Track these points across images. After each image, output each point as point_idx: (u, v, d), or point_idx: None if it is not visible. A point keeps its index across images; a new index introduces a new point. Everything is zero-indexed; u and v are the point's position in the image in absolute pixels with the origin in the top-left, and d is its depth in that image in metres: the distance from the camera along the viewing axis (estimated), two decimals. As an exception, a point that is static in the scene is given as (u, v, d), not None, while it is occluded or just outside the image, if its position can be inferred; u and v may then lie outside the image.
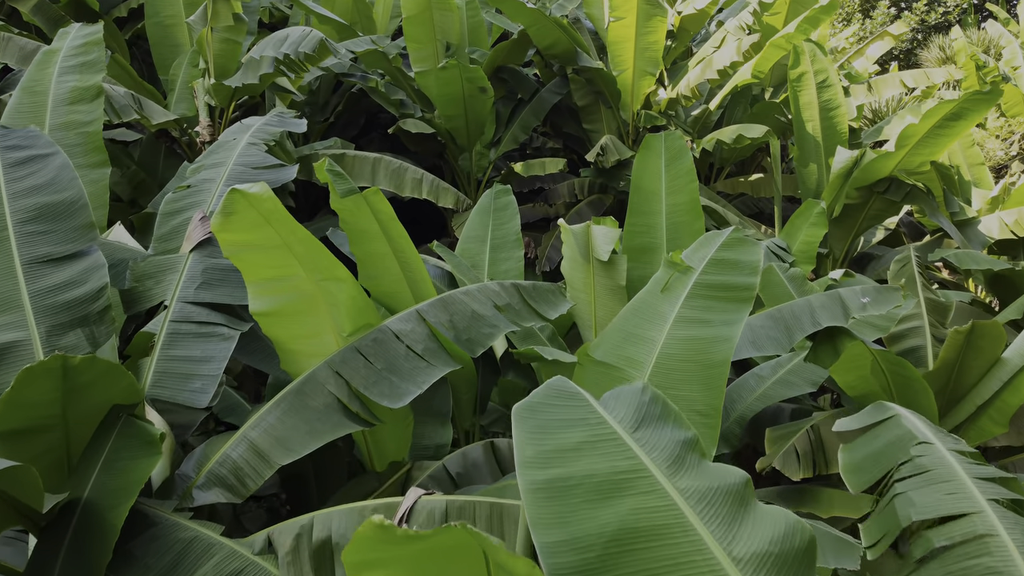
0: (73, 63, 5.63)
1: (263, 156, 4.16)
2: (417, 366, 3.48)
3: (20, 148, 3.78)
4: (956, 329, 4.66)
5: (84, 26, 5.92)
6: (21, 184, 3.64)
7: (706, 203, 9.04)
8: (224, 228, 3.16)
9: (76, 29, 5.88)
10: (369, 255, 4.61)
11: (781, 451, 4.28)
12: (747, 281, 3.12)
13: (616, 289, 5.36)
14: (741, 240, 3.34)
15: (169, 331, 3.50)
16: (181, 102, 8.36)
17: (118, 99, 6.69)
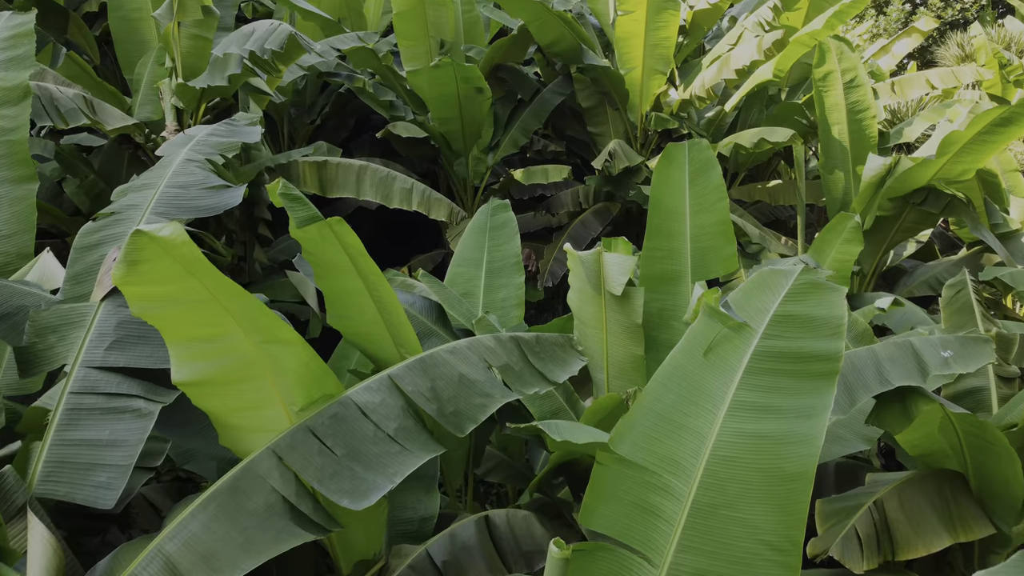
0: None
1: (203, 175, 3.37)
2: (388, 451, 2.70)
3: None
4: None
5: (14, 15, 5.13)
6: None
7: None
8: (130, 281, 2.37)
9: (5, 19, 5.09)
10: (339, 292, 3.82)
11: (839, 535, 3.50)
12: (829, 348, 2.30)
13: (632, 327, 4.57)
14: (816, 286, 2.51)
15: (68, 406, 2.72)
16: (146, 104, 7.58)
17: (64, 102, 5.90)
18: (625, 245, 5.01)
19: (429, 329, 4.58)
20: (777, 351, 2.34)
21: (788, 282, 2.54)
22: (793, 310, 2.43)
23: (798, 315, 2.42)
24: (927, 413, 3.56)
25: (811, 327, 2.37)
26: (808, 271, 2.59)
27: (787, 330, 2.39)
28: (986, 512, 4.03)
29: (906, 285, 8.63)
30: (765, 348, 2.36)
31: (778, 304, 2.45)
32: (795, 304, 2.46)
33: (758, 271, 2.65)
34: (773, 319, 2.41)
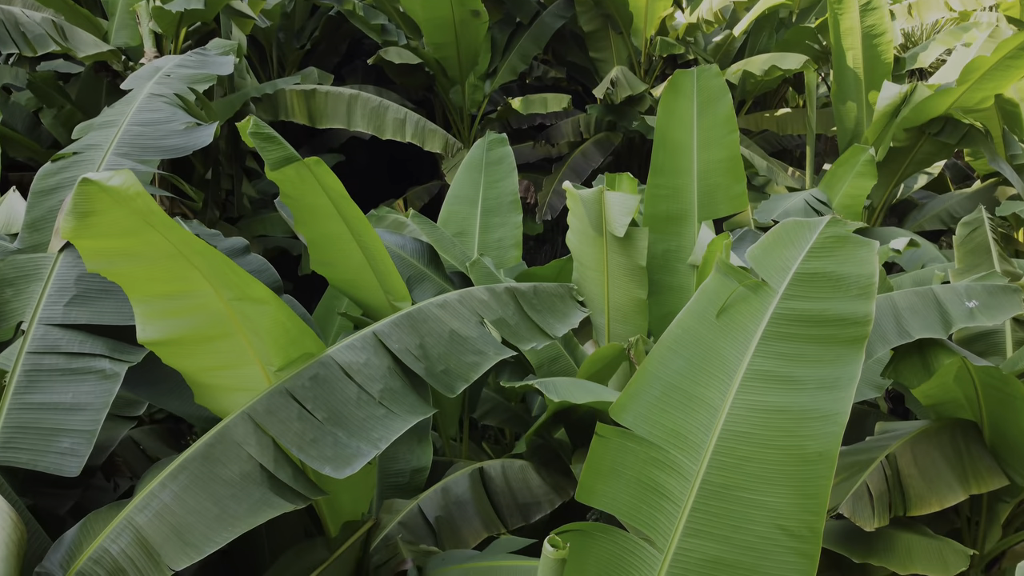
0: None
1: (170, 112, 3.09)
2: (372, 415, 2.51)
3: None
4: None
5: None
6: None
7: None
8: (81, 234, 2.14)
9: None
10: (322, 236, 3.60)
11: (850, 492, 3.34)
12: (857, 311, 2.03)
13: (635, 270, 4.34)
14: (843, 239, 2.23)
15: (27, 367, 2.52)
16: (123, 29, 7.16)
17: (32, 27, 5.53)
18: (630, 181, 4.75)
19: (421, 273, 4.35)
20: (799, 314, 2.11)
21: (813, 235, 2.28)
22: (818, 267, 2.19)
23: (823, 273, 2.17)
24: (947, 366, 3.37)
25: (838, 286, 2.13)
26: (835, 222, 2.34)
27: (811, 290, 2.15)
28: (999, 463, 3.89)
29: (916, 219, 8.36)
30: (785, 310, 2.12)
31: (801, 260, 2.20)
32: (820, 260, 2.21)
33: (780, 224, 2.40)
34: (795, 277, 2.17)
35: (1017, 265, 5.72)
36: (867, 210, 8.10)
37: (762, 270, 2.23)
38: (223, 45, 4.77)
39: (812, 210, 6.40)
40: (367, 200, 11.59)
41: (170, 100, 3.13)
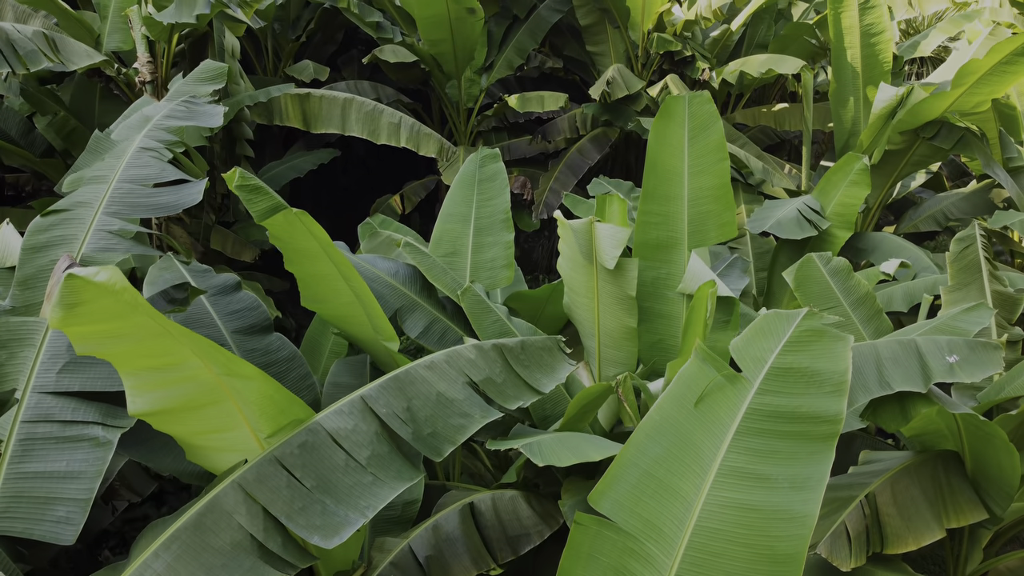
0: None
1: (159, 168, 3.11)
2: (360, 482, 2.57)
3: None
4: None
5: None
6: None
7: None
8: (70, 323, 2.18)
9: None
10: (311, 276, 3.65)
11: (828, 531, 3.42)
12: (828, 409, 2.09)
13: (625, 299, 4.38)
14: (819, 333, 2.28)
15: (21, 436, 2.57)
16: (115, 33, 7.13)
17: (23, 43, 5.51)
18: (620, 203, 4.76)
19: (413, 302, 4.40)
20: (773, 409, 2.16)
21: (790, 327, 2.32)
22: (793, 362, 2.24)
23: (798, 368, 2.22)
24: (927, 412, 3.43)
25: (812, 382, 2.18)
26: (811, 315, 2.37)
27: (786, 385, 2.19)
28: (979, 493, 3.96)
29: (912, 219, 8.38)
30: (760, 405, 2.17)
31: (777, 353, 2.25)
32: (795, 354, 2.25)
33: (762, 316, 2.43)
34: (771, 371, 2.22)
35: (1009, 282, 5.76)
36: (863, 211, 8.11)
37: (741, 360, 2.27)
38: (214, 69, 4.76)
39: (804, 219, 6.42)
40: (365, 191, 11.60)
41: (159, 155, 3.15)
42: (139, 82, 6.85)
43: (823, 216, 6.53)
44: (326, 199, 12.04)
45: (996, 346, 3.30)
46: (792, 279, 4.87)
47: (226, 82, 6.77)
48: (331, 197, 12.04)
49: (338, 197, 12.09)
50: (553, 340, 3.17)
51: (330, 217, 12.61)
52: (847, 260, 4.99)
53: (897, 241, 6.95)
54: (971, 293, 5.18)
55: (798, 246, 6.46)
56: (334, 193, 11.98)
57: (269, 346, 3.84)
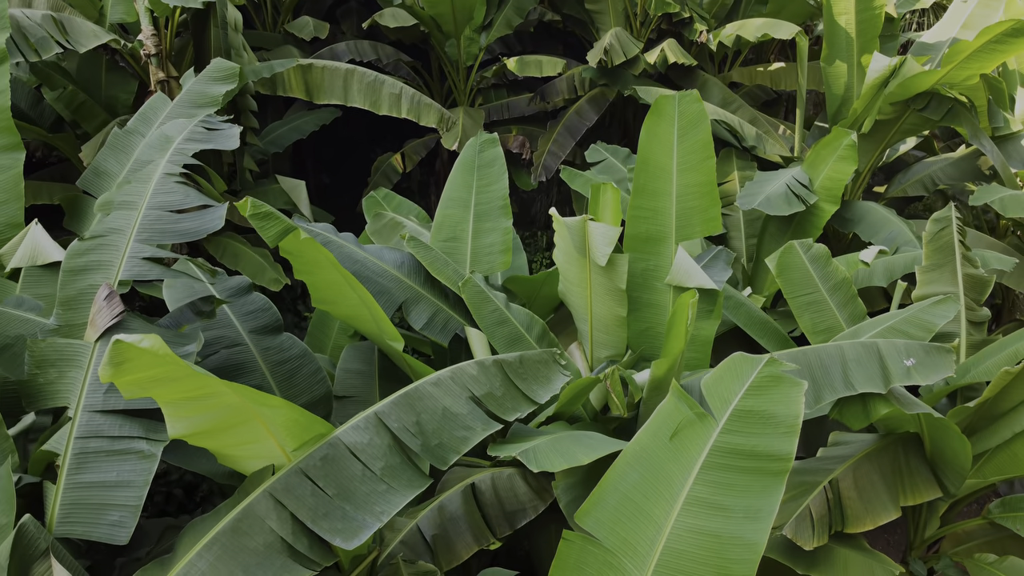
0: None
1: (183, 194, 3.36)
2: (375, 490, 2.93)
3: None
4: (1007, 370, 4.05)
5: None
6: None
7: (717, 117, 8.08)
8: (119, 377, 2.50)
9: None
10: (322, 282, 3.95)
11: (794, 514, 3.81)
12: (781, 449, 2.45)
13: (615, 291, 4.69)
14: (778, 380, 2.61)
15: (76, 450, 2.92)
16: (118, 5, 7.22)
17: (34, 30, 5.64)
18: (614, 192, 5.02)
19: (417, 294, 4.70)
20: (734, 447, 2.49)
21: (754, 372, 2.64)
22: (754, 405, 2.56)
23: (758, 411, 2.55)
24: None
25: (768, 424, 2.51)
26: (772, 362, 2.68)
27: (746, 426, 2.52)
28: (936, 472, 4.35)
29: (900, 183, 8.59)
30: (723, 443, 2.50)
31: (741, 396, 2.57)
32: (756, 398, 2.57)
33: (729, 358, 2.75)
34: (734, 413, 2.55)
35: (982, 261, 6.05)
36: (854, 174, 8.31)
37: (710, 397, 2.60)
38: (225, 69, 4.94)
39: (793, 194, 6.65)
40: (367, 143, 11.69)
41: (184, 181, 3.40)
42: (144, 55, 6.98)
43: (811, 190, 6.76)
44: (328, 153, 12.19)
45: (949, 350, 3.62)
46: (774, 266, 5.16)
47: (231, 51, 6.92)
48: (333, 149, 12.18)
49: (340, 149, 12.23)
50: (549, 353, 3.48)
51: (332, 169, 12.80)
52: (825, 247, 5.28)
53: (882, 212, 7.19)
54: (944, 275, 5.47)
55: (787, 216, 6.72)
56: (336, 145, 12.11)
57: (282, 344, 4.15)
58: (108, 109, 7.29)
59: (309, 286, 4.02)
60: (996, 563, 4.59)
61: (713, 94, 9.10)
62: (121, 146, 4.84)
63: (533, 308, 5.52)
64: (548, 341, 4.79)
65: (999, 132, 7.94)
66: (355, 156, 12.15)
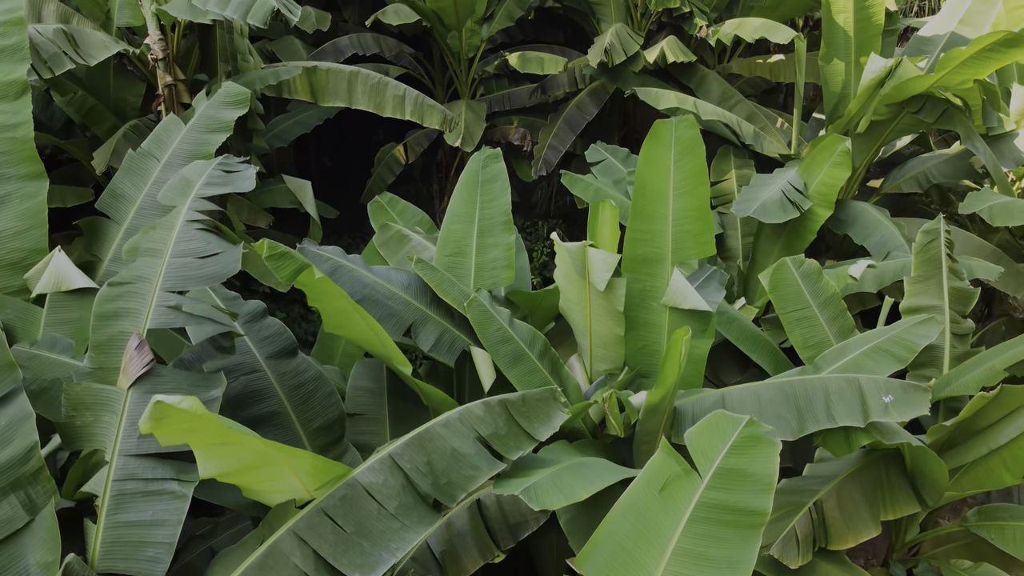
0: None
1: (204, 241, 3.55)
2: (390, 528, 3.17)
3: (-86, 268, 3.21)
4: (982, 395, 4.28)
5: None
6: (-79, 323, 3.13)
7: (715, 116, 8.20)
8: (157, 429, 2.73)
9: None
10: (334, 310, 4.18)
11: (781, 535, 4.08)
12: (758, 505, 2.69)
13: (614, 312, 4.90)
14: (757, 440, 2.85)
15: (114, 492, 3.16)
16: (125, 9, 7.30)
17: (47, 46, 5.77)
18: (612, 210, 5.22)
19: (424, 316, 4.91)
20: (717, 502, 2.73)
21: (736, 431, 2.87)
22: (735, 464, 2.80)
23: (738, 470, 2.78)
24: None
25: (747, 481, 2.74)
26: (752, 423, 2.91)
27: (727, 483, 2.76)
28: (915, 486, 4.61)
29: (895, 179, 8.74)
30: (707, 498, 2.74)
31: (723, 454, 2.81)
32: (737, 457, 2.81)
33: (712, 416, 2.97)
34: (717, 471, 2.78)
35: (968, 271, 6.25)
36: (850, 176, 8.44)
37: (694, 452, 2.83)
38: (237, 94, 5.09)
39: (788, 200, 6.83)
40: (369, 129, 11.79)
41: (204, 226, 3.60)
42: (152, 59, 7.10)
43: (805, 195, 6.93)
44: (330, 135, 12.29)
45: (924, 389, 3.84)
46: (767, 283, 5.36)
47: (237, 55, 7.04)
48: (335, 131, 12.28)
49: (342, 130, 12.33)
50: (549, 391, 3.69)
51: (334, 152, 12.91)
52: (816, 262, 5.47)
53: (874, 215, 7.37)
54: (931, 287, 5.68)
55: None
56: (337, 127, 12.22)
57: (297, 368, 4.37)
58: (117, 112, 7.42)
59: (322, 312, 4.23)
60: (971, 569, 4.87)
61: (712, 89, 9.21)
62: (137, 169, 5.01)
63: (534, 318, 5.73)
64: (549, 357, 5.01)
65: (993, 132, 8.08)
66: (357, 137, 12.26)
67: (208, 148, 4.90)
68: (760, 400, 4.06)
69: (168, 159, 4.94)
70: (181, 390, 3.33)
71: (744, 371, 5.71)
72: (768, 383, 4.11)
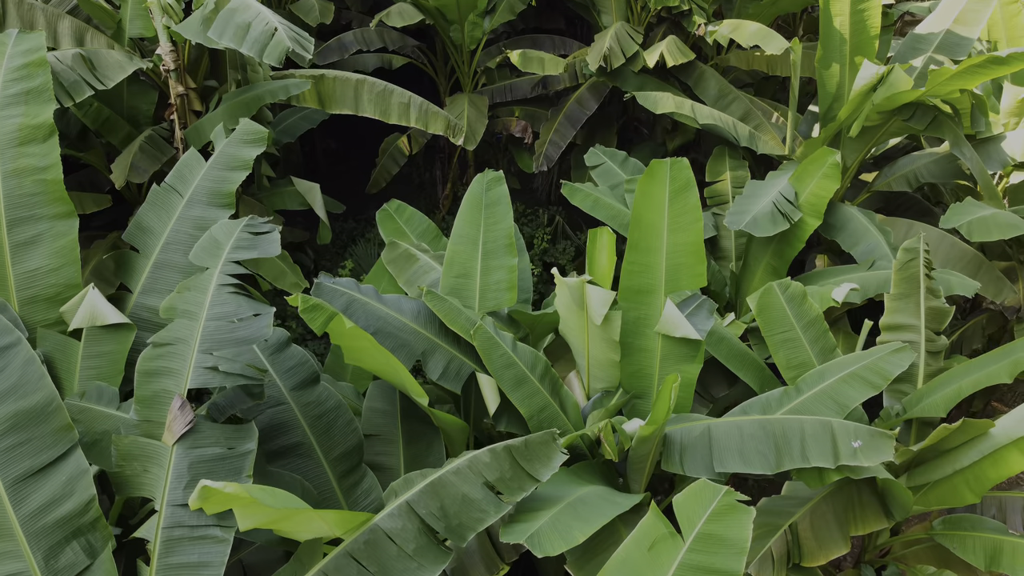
0: (16, 91, 5.01)
1: (236, 304, 3.88)
2: (408, 567, 3.59)
3: (-22, 339, 3.56)
4: (945, 426, 4.66)
5: (22, 35, 5.17)
6: (-12, 390, 3.49)
7: (712, 121, 8.43)
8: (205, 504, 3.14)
9: (13, 40, 5.15)
10: (355, 348, 4.52)
11: (758, 555, 4.51)
12: (732, 566, 3.08)
13: (610, 341, 5.26)
14: (733, 509, 3.24)
15: (163, 538, 3.56)
16: (136, 20, 7.49)
17: (67, 74, 6.01)
18: (610, 236, 5.55)
19: (434, 345, 5.27)
20: (696, 563, 3.13)
21: (715, 500, 3.28)
22: (713, 530, 3.19)
23: (716, 535, 3.18)
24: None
25: (723, 545, 3.14)
26: (730, 492, 3.30)
27: (706, 546, 3.16)
28: (884, 504, 5.03)
29: (885, 177, 9.00)
30: (688, 559, 3.15)
31: (704, 521, 3.21)
32: (716, 524, 3.21)
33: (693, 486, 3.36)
34: (698, 536, 3.19)
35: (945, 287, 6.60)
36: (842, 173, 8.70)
37: (679, 514, 3.23)
38: (255, 132, 5.35)
39: (778, 212, 7.13)
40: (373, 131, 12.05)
41: (236, 292, 3.93)
42: (164, 70, 7.32)
43: (796, 206, 7.23)
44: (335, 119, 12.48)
45: (889, 436, 4.21)
46: (755, 306, 5.71)
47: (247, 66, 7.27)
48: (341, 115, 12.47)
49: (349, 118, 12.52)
50: (549, 435, 4.07)
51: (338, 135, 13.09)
52: (801, 286, 5.81)
53: (862, 222, 7.67)
54: (909, 305, 6.04)
55: (773, 226, 7.22)
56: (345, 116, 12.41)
57: (319, 397, 4.74)
58: (131, 121, 7.65)
59: (343, 349, 4.58)
60: (934, 575, 5.34)
61: (710, 86, 9.41)
62: (161, 203, 5.32)
63: (535, 334, 6.09)
64: (550, 378, 5.38)
65: (981, 135, 8.33)
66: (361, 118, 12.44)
67: (228, 187, 5.19)
68: (743, 436, 4.45)
69: (191, 196, 5.23)
70: (219, 444, 3.71)
71: (732, 385, 6.10)
72: (750, 420, 4.50)
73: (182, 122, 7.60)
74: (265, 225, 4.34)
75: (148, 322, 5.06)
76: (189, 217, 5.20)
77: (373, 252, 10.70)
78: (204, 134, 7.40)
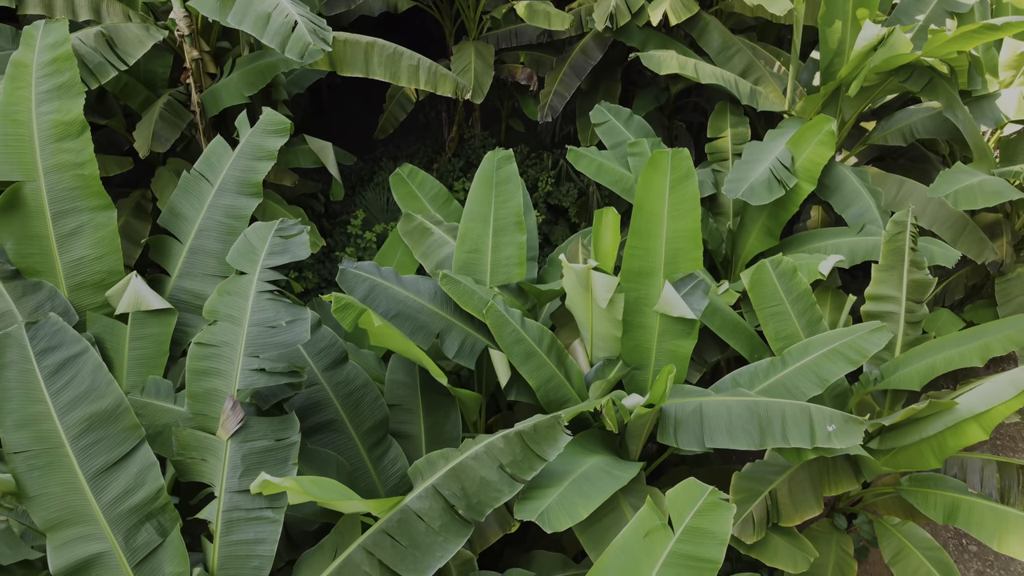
0: (48, 87, 5.27)
1: (275, 310, 4.31)
2: (435, 541, 4.15)
3: (51, 350, 4.00)
4: (913, 407, 5.16)
5: (49, 26, 5.38)
6: (64, 396, 3.96)
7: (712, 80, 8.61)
8: (264, 492, 3.65)
9: (41, 32, 5.36)
10: (380, 334, 4.98)
11: (740, 519, 5.10)
12: (714, 555, 3.61)
13: (613, 320, 5.71)
14: (717, 505, 3.75)
15: (224, 520, 4.11)
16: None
17: (90, 56, 6.22)
18: (614, 215, 5.93)
19: (449, 324, 5.73)
20: (685, 552, 3.67)
21: (702, 497, 3.79)
22: (699, 524, 3.72)
23: (702, 528, 3.70)
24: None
25: (706, 537, 3.67)
26: (715, 493, 3.81)
27: (693, 538, 3.69)
28: (856, 466, 5.59)
29: (881, 131, 9.24)
30: (677, 548, 3.68)
31: (692, 516, 3.73)
32: (702, 518, 3.73)
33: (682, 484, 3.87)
34: (686, 529, 3.71)
35: (929, 257, 7.00)
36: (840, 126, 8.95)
37: (672, 508, 3.75)
38: (278, 123, 5.63)
39: (775, 179, 7.45)
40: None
41: (274, 297, 4.35)
42: (178, 35, 7.50)
43: (792, 172, 7.54)
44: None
45: (860, 422, 4.71)
46: (748, 281, 6.13)
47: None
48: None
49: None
50: (555, 418, 4.56)
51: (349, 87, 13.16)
52: (792, 261, 6.21)
53: (855, 184, 7.99)
54: (892, 277, 6.46)
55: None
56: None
57: (348, 375, 5.22)
58: (148, 84, 7.86)
59: (370, 333, 5.03)
60: (898, 526, 5.96)
61: (713, 39, 9.52)
62: (193, 191, 5.67)
63: (541, 302, 6.54)
64: (556, 350, 5.85)
65: (976, 93, 8.54)
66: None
67: (256, 176, 5.53)
68: (730, 415, 4.96)
69: (220, 184, 5.58)
70: (267, 437, 4.22)
71: (724, 350, 6.59)
72: (737, 400, 5.00)
73: (198, 85, 7.81)
74: (295, 227, 4.71)
75: (187, 304, 5.51)
76: (220, 205, 5.57)
77: (382, 197, 11.01)
78: (220, 99, 7.64)
